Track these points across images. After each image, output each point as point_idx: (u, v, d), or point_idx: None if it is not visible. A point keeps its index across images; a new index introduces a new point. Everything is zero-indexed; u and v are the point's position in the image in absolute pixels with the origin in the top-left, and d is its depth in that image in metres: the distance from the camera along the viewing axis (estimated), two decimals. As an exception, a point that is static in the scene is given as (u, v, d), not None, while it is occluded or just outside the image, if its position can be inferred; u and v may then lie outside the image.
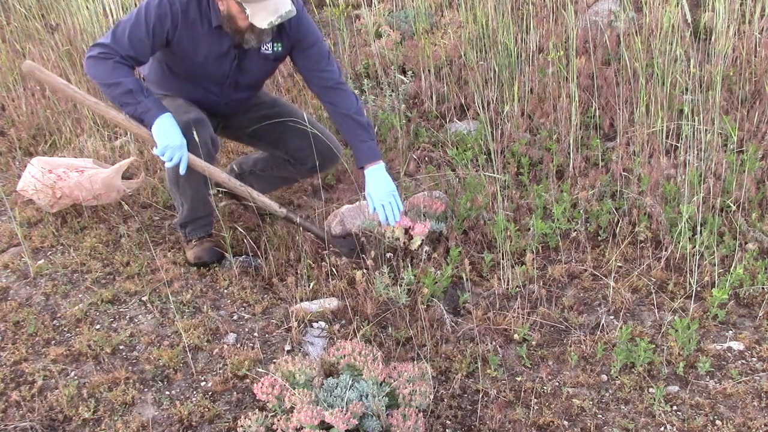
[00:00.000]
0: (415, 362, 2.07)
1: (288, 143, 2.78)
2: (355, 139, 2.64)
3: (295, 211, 2.73)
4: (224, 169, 3.01)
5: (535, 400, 2.12)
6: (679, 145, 3.05)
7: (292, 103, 3.09)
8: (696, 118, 3.01)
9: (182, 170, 2.43)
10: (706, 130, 2.99)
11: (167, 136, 2.38)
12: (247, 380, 2.19)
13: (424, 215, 2.74)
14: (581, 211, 2.82)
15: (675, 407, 2.08)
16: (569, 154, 3.18)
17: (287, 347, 2.34)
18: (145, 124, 2.42)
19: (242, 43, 2.49)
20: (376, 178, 2.62)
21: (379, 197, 2.60)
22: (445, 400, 2.13)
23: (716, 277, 2.52)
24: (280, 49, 2.61)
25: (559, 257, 2.74)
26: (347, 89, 2.69)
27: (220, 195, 2.88)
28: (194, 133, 2.44)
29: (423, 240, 2.68)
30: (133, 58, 2.43)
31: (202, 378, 2.22)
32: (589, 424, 2.04)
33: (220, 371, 2.24)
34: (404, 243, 2.67)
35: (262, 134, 2.83)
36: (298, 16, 2.54)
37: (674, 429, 2.01)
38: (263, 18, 2.33)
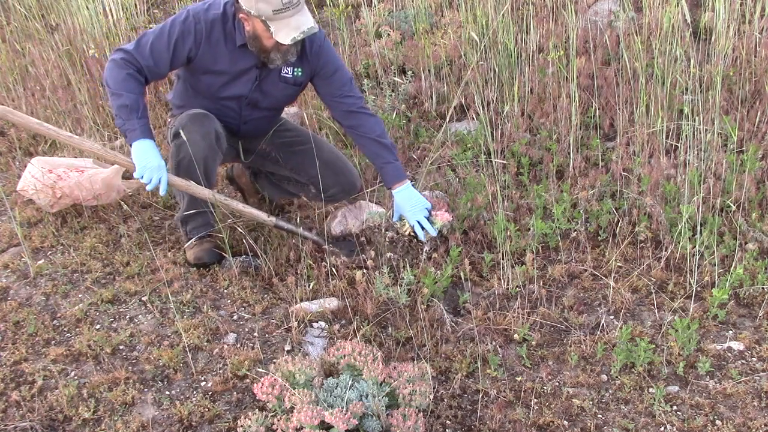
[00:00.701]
0: (415, 362, 2.07)
1: (310, 170, 2.79)
2: (380, 161, 2.70)
3: (285, 218, 2.74)
4: (237, 167, 3.03)
5: (535, 400, 2.12)
6: (679, 145, 3.05)
7: (314, 133, 3.13)
8: (696, 118, 3.01)
9: (162, 191, 2.47)
10: (706, 130, 2.99)
11: (145, 158, 2.43)
12: (247, 380, 2.19)
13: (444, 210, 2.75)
14: (581, 211, 2.82)
15: (675, 407, 2.08)
16: (569, 154, 3.18)
17: (287, 347, 2.34)
18: (127, 140, 2.47)
19: (268, 62, 2.54)
20: (407, 196, 2.66)
21: (414, 214, 2.65)
22: (445, 400, 2.13)
23: (716, 277, 2.52)
24: (299, 74, 2.66)
25: (559, 257, 2.74)
26: (369, 112, 2.74)
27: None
28: (200, 123, 2.50)
29: (443, 226, 2.67)
30: (150, 69, 2.48)
31: (202, 378, 2.22)
32: (589, 424, 2.04)
33: (220, 371, 2.24)
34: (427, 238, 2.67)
35: (286, 160, 2.87)
36: (319, 44, 2.61)
37: (674, 429, 2.01)
38: (286, 34, 2.38)
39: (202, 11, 2.50)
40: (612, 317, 2.45)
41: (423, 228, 2.64)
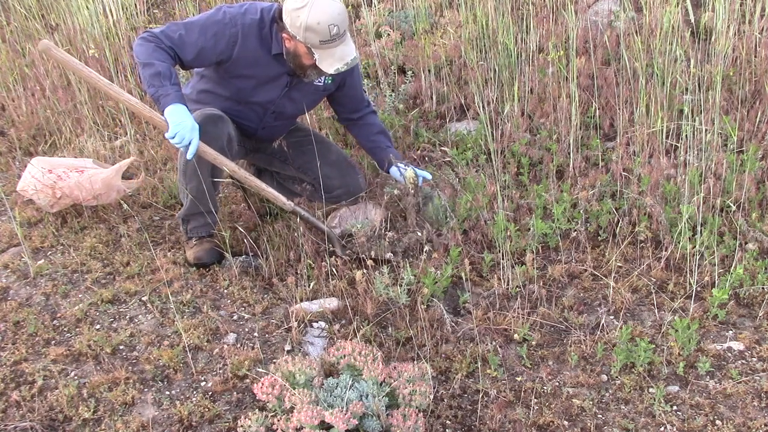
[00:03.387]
0: (415, 362, 2.07)
1: (317, 170, 2.81)
2: (383, 145, 2.90)
3: (301, 206, 2.76)
4: (242, 163, 3.03)
5: (535, 400, 2.12)
6: (679, 145, 3.05)
7: (322, 134, 3.16)
8: (696, 118, 3.01)
9: (190, 154, 2.41)
10: (706, 130, 2.99)
11: (179, 119, 2.37)
12: (247, 380, 2.19)
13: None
14: (581, 211, 2.82)
15: (675, 407, 2.08)
16: (569, 154, 3.18)
17: (287, 347, 2.34)
18: (160, 106, 2.42)
19: (303, 77, 2.58)
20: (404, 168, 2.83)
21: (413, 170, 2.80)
22: (445, 400, 2.13)
23: (716, 277, 2.52)
24: (329, 82, 2.71)
25: (559, 257, 2.74)
26: (372, 109, 2.90)
27: (225, 193, 2.90)
28: (214, 124, 2.51)
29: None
30: (176, 56, 2.46)
31: (202, 378, 2.22)
32: (589, 424, 2.04)
33: (220, 371, 2.24)
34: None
35: (294, 158, 2.90)
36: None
37: (674, 429, 2.01)
38: (330, 64, 2.44)
39: (239, 14, 2.50)
40: (612, 317, 2.45)
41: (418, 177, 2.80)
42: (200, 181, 2.59)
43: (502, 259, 2.61)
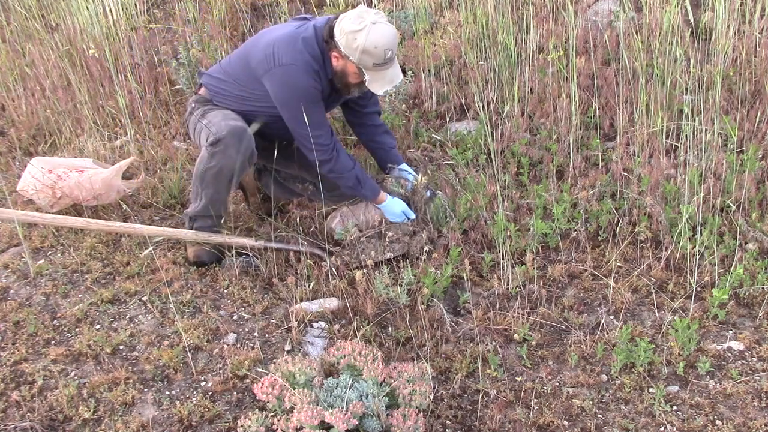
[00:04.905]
0: (415, 362, 2.07)
1: (317, 169, 2.80)
2: (388, 145, 2.94)
3: (266, 238, 2.80)
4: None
5: (535, 400, 2.12)
6: (679, 145, 3.05)
7: None
8: (696, 118, 3.01)
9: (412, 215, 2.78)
10: (706, 130, 2.99)
11: (396, 209, 2.79)
12: (247, 380, 2.19)
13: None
14: (581, 211, 2.82)
15: (675, 407, 2.08)
16: (569, 154, 3.18)
17: (287, 347, 2.34)
18: (375, 202, 2.77)
19: (346, 93, 2.65)
20: (406, 170, 2.94)
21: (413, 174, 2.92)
22: (445, 400, 2.13)
23: (716, 277, 2.52)
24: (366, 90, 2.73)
25: (559, 257, 2.74)
26: (377, 109, 2.93)
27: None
28: (239, 139, 2.54)
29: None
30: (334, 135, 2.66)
31: (202, 378, 2.22)
32: (589, 424, 2.04)
33: (220, 371, 2.24)
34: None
35: (299, 156, 2.88)
36: None
37: (674, 429, 2.01)
38: (380, 86, 2.52)
39: (310, 61, 2.50)
40: (612, 317, 2.45)
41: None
42: (217, 190, 2.62)
43: (502, 259, 2.61)
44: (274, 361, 2.09)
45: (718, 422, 2.02)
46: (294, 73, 2.48)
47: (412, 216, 2.78)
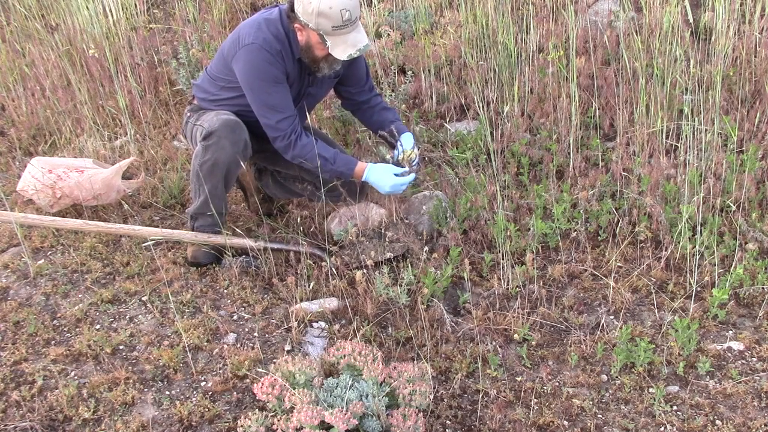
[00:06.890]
0: (415, 362, 2.07)
1: (317, 169, 2.79)
2: (390, 119, 2.85)
3: (266, 238, 2.79)
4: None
5: (535, 400, 2.12)
6: (679, 145, 3.05)
7: (324, 132, 3.17)
8: (696, 118, 3.01)
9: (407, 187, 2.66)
10: (706, 130, 2.99)
11: (382, 179, 2.63)
12: (247, 380, 2.19)
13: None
14: (581, 211, 2.82)
15: (675, 407, 2.08)
16: (569, 154, 3.18)
17: (287, 347, 2.34)
18: (354, 172, 2.65)
19: (316, 71, 2.60)
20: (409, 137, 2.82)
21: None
22: (445, 400, 2.13)
23: (716, 277, 2.52)
24: (338, 67, 2.69)
25: (559, 257, 2.74)
26: (375, 92, 2.90)
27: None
28: (232, 131, 2.53)
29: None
30: (296, 119, 2.59)
31: (202, 378, 2.22)
32: (589, 424, 2.04)
33: (220, 371, 2.24)
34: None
35: None
36: None
37: (674, 429, 2.01)
38: (343, 50, 2.45)
39: (271, 40, 2.49)
40: (612, 317, 2.45)
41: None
42: (214, 185, 2.62)
43: (502, 259, 2.61)
44: (274, 361, 2.09)
45: (718, 422, 2.02)
46: (254, 51, 2.48)
47: (407, 180, 2.63)
